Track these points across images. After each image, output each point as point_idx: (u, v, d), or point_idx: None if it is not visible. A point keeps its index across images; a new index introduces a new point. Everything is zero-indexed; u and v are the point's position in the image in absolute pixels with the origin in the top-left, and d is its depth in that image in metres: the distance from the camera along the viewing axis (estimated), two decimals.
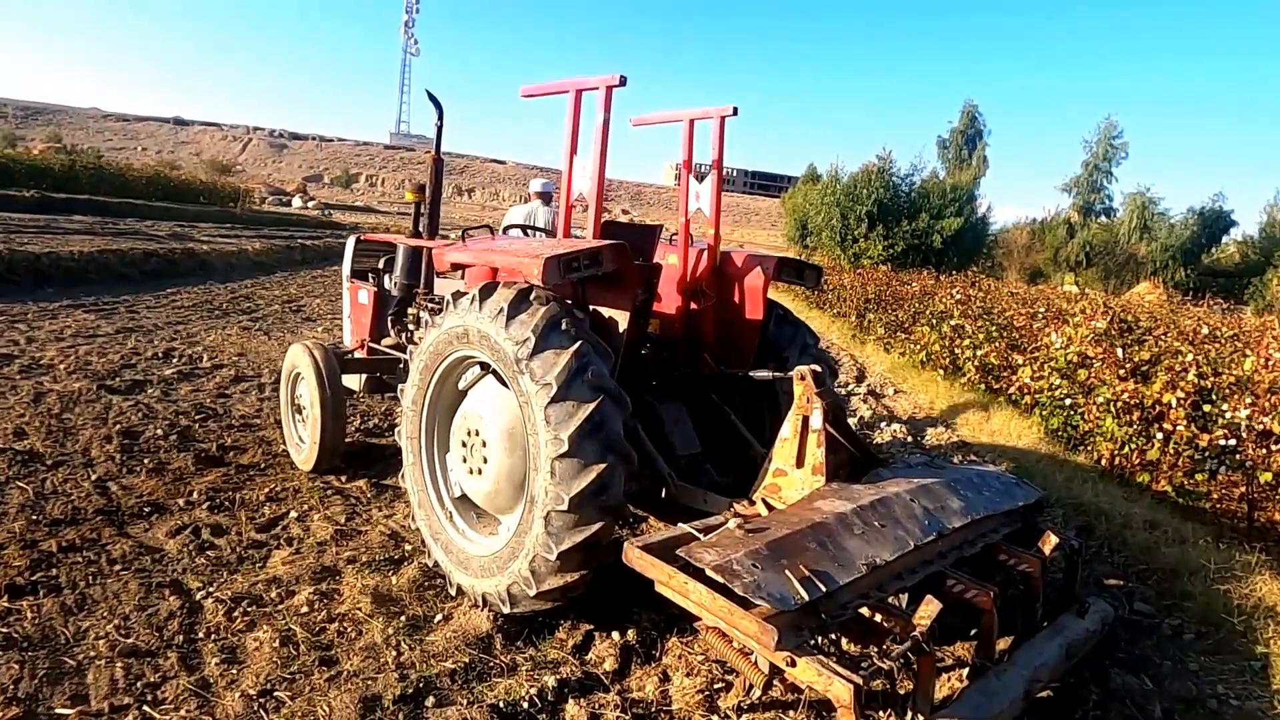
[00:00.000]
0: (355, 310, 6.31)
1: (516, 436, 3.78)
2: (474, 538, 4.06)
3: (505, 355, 3.59)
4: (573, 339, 3.54)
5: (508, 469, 3.81)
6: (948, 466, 4.30)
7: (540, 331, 3.51)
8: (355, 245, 6.43)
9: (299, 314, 12.94)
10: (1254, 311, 41.29)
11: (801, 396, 3.75)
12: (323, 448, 5.45)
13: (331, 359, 5.55)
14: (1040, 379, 9.41)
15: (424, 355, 4.13)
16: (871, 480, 3.76)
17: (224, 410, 6.98)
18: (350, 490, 5.40)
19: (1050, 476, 7.14)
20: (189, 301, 12.82)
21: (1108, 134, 57.87)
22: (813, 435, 3.69)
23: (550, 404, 3.41)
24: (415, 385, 4.22)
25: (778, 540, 3.02)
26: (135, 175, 36.49)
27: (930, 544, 3.39)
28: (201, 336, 10.11)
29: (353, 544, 4.57)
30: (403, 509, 5.16)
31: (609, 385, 3.54)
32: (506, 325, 3.59)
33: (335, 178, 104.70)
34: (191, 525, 4.60)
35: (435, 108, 5.47)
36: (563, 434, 3.38)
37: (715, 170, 4.66)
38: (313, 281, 17.67)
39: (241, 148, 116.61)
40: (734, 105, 4.58)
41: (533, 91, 4.32)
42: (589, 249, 3.67)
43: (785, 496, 3.65)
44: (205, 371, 8.26)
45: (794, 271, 4.68)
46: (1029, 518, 4.19)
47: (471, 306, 3.78)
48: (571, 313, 3.68)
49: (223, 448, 5.98)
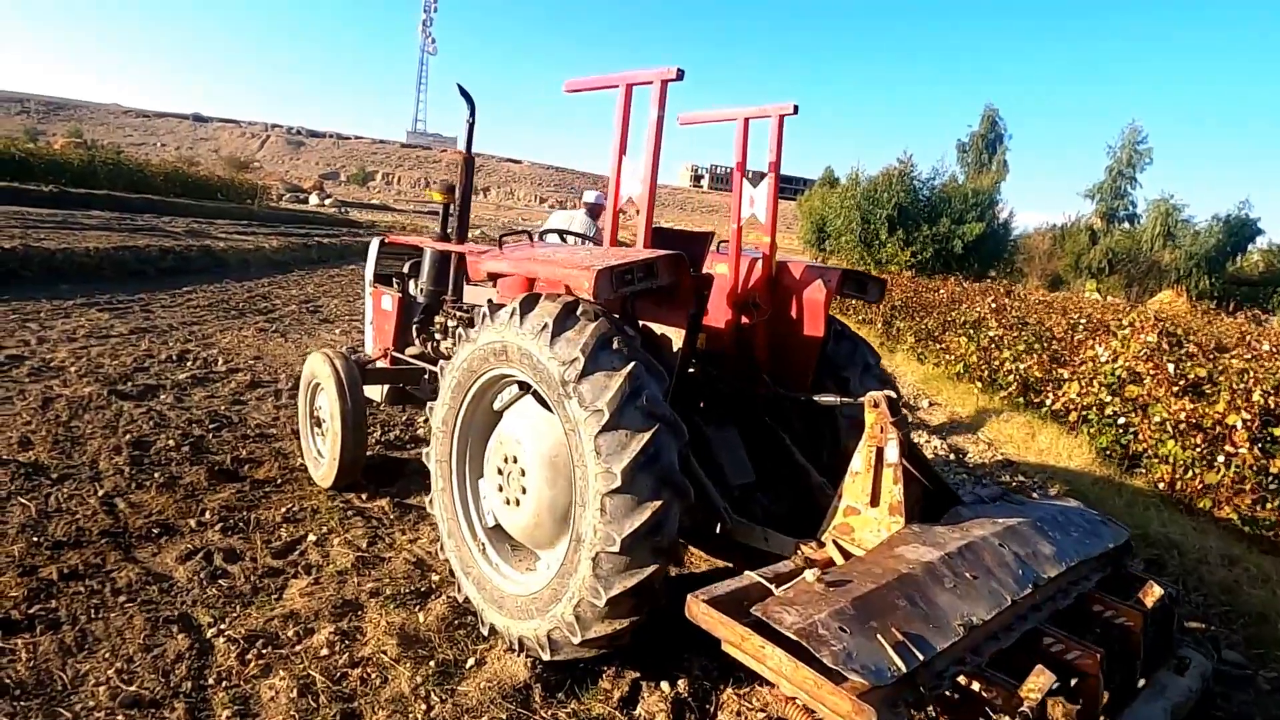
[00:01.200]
0: (378, 317, 5.98)
1: (560, 466, 3.43)
2: (509, 574, 3.71)
3: (549, 376, 3.24)
4: (625, 360, 3.19)
5: (549, 501, 3.46)
6: (1027, 502, 3.92)
7: (590, 351, 3.15)
8: (379, 248, 6.10)
9: (316, 315, 12.65)
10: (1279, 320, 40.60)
11: (874, 426, 3.38)
12: (343, 464, 5.12)
13: (353, 369, 5.22)
14: (1088, 394, 9.00)
15: (456, 372, 3.78)
16: (953, 521, 3.39)
17: (239, 418, 6.66)
18: (371, 510, 5.07)
19: (1108, 501, 6.74)
20: (205, 300, 12.55)
21: (1132, 139, 56.99)
22: (888, 471, 3.32)
23: (601, 433, 3.06)
24: (446, 404, 3.87)
25: (864, 597, 2.65)
26: (153, 171, 36.38)
27: (1025, 597, 3.02)
28: (217, 338, 9.82)
29: (375, 573, 4.23)
30: (427, 532, 4.83)
31: (665, 412, 3.18)
32: (551, 343, 3.24)
33: (352, 175, 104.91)
34: (203, 549, 4.28)
35: (467, 103, 5.13)
36: (615, 467, 3.02)
37: (772, 173, 4.29)
38: (330, 281, 17.40)
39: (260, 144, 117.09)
40: (794, 103, 4.22)
41: (578, 86, 3.97)
42: (644, 260, 3.32)
43: (859, 539, 3.28)
44: (220, 376, 7.96)
45: (856, 285, 4.30)
46: (1119, 561, 3.81)
47: (511, 321, 3.43)
48: (623, 330, 3.33)
49: (237, 460, 5.67)
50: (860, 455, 3.42)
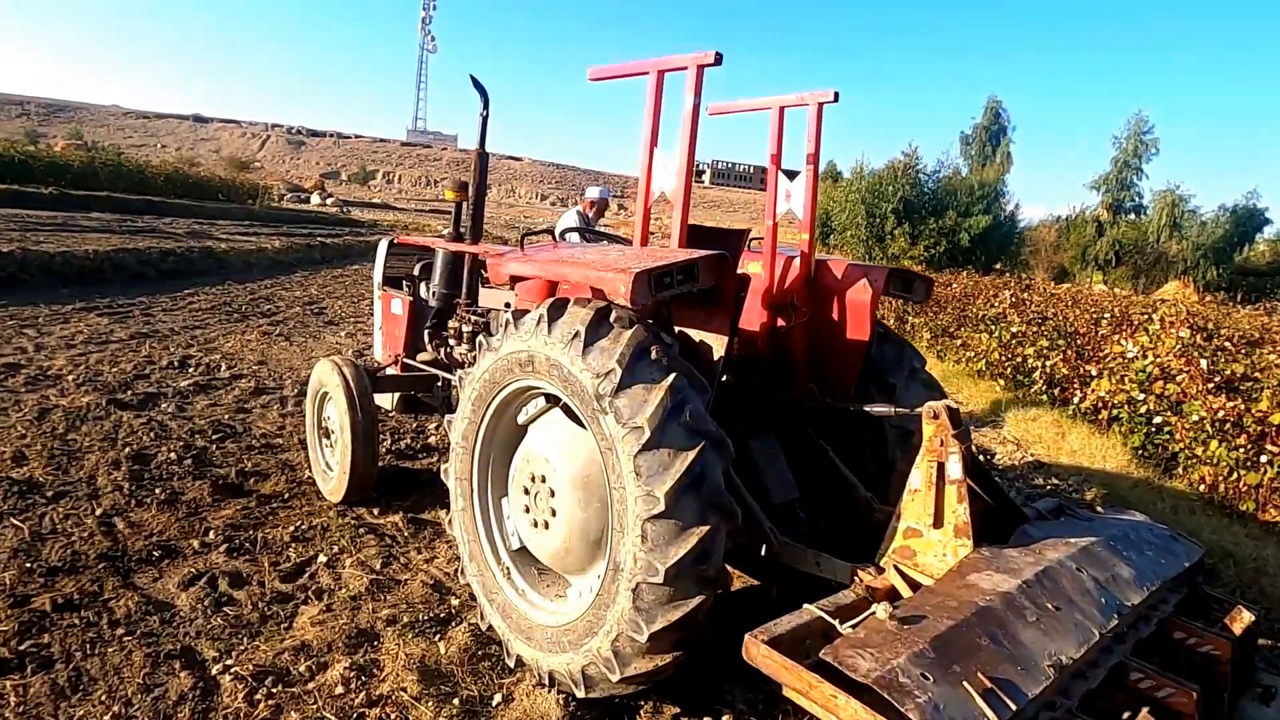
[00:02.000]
0: (388, 322, 5.70)
1: (593, 487, 3.16)
2: (537, 601, 3.43)
3: (582, 390, 2.97)
4: (665, 370, 2.91)
5: (581, 524, 3.19)
6: (1094, 518, 3.64)
7: (626, 362, 2.88)
8: (388, 249, 5.82)
9: (321, 317, 12.38)
10: None
11: (933, 439, 3.10)
12: (353, 478, 4.85)
13: (363, 377, 4.94)
14: (1120, 392, 8.71)
15: (477, 384, 3.51)
16: (1024, 543, 3.11)
17: (243, 428, 6.40)
18: (384, 527, 4.80)
19: (1150, 505, 6.45)
20: (207, 303, 12.29)
21: (1138, 130, 56.40)
22: (951, 488, 3.04)
23: (641, 451, 2.78)
24: (466, 418, 3.60)
25: (944, 636, 2.38)
26: (154, 172, 36.11)
27: (1111, 629, 2.75)
28: (219, 342, 9.56)
29: (391, 597, 3.96)
30: (444, 549, 4.56)
31: (710, 428, 2.91)
32: (583, 353, 2.96)
33: (353, 174, 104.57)
34: (207, 573, 4.01)
35: (480, 96, 4.85)
36: (657, 490, 2.75)
37: (810, 166, 4.01)
38: (333, 281, 17.13)
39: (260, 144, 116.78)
40: (834, 90, 3.93)
41: (604, 74, 3.69)
42: (684, 261, 3.04)
43: (922, 563, 3.01)
44: (223, 382, 7.69)
45: (901, 284, 4.01)
46: (1194, 580, 3.53)
47: (538, 329, 3.16)
48: (660, 338, 3.05)
49: (242, 474, 5.40)
50: (919, 471, 3.14)
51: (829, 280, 4.01)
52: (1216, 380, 8.12)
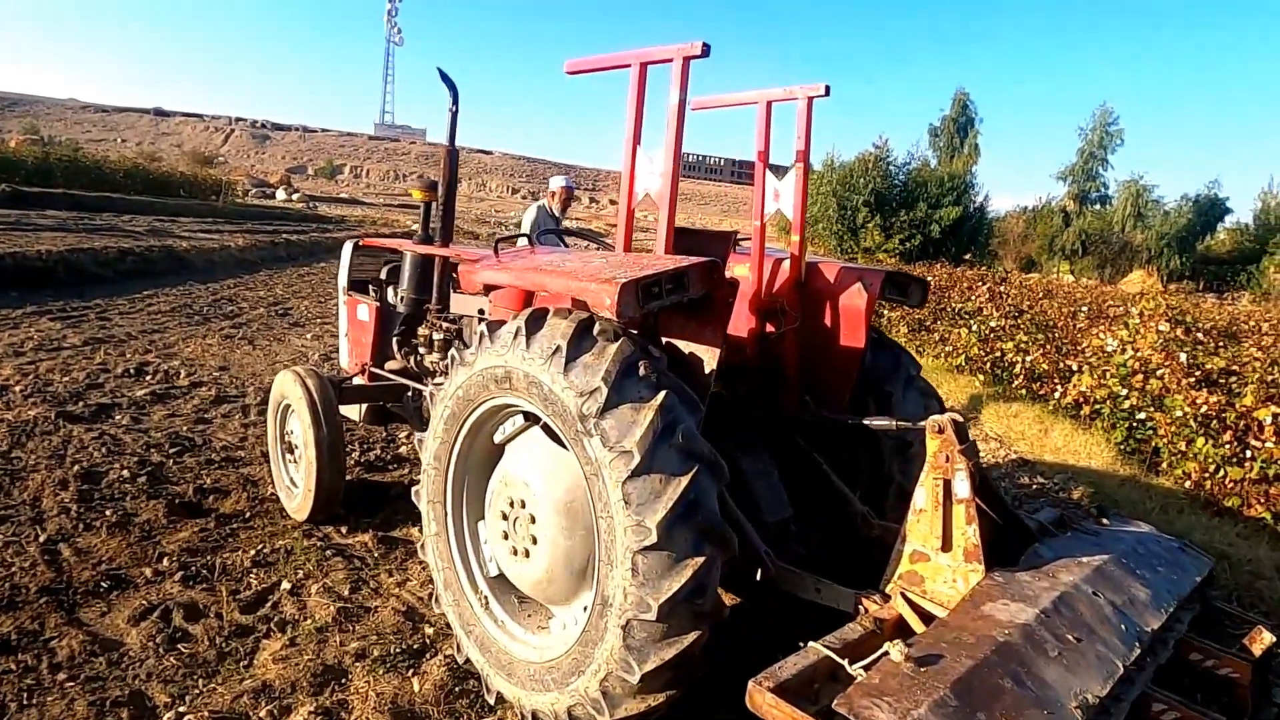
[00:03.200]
0: (354, 328, 5.42)
1: (577, 513, 2.93)
2: (518, 633, 3.20)
3: (564, 410, 2.74)
4: (654, 388, 2.69)
5: (565, 553, 2.96)
6: (1101, 530, 3.48)
7: (613, 380, 2.65)
8: (353, 252, 5.52)
9: (286, 318, 12.00)
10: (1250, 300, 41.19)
11: (938, 455, 2.92)
12: (319, 496, 4.58)
13: (328, 389, 4.67)
14: (1101, 387, 8.64)
15: (450, 400, 3.26)
16: (1035, 565, 2.93)
17: (203, 440, 6.08)
18: (353, 547, 4.54)
19: (1139, 505, 6.36)
20: (166, 305, 11.85)
21: (1104, 121, 57.15)
22: (959, 508, 2.86)
23: (630, 478, 2.56)
24: (438, 438, 3.35)
25: (965, 680, 2.19)
26: (113, 168, 35.19)
27: (1135, 660, 2.58)
28: (179, 347, 9.17)
29: (360, 628, 3.70)
30: (417, 571, 4.31)
31: (703, 450, 2.70)
32: (565, 370, 2.73)
33: (319, 169, 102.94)
34: (160, 605, 3.73)
35: (449, 90, 4.58)
36: (648, 519, 2.53)
37: (801, 163, 3.80)
38: (299, 281, 16.69)
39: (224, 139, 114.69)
40: (825, 84, 3.73)
41: (581, 67, 3.45)
42: (673, 270, 2.81)
43: (931, 590, 2.82)
44: (182, 391, 7.34)
45: (897, 288, 3.82)
46: (1205, 595, 3.39)
47: (515, 342, 2.92)
48: (648, 352, 2.83)
49: (201, 491, 5.10)
50: (924, 490, 2.95)
51: (821, 284, 3.81)
52: (1197, 375, 8.09)
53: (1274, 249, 48.42)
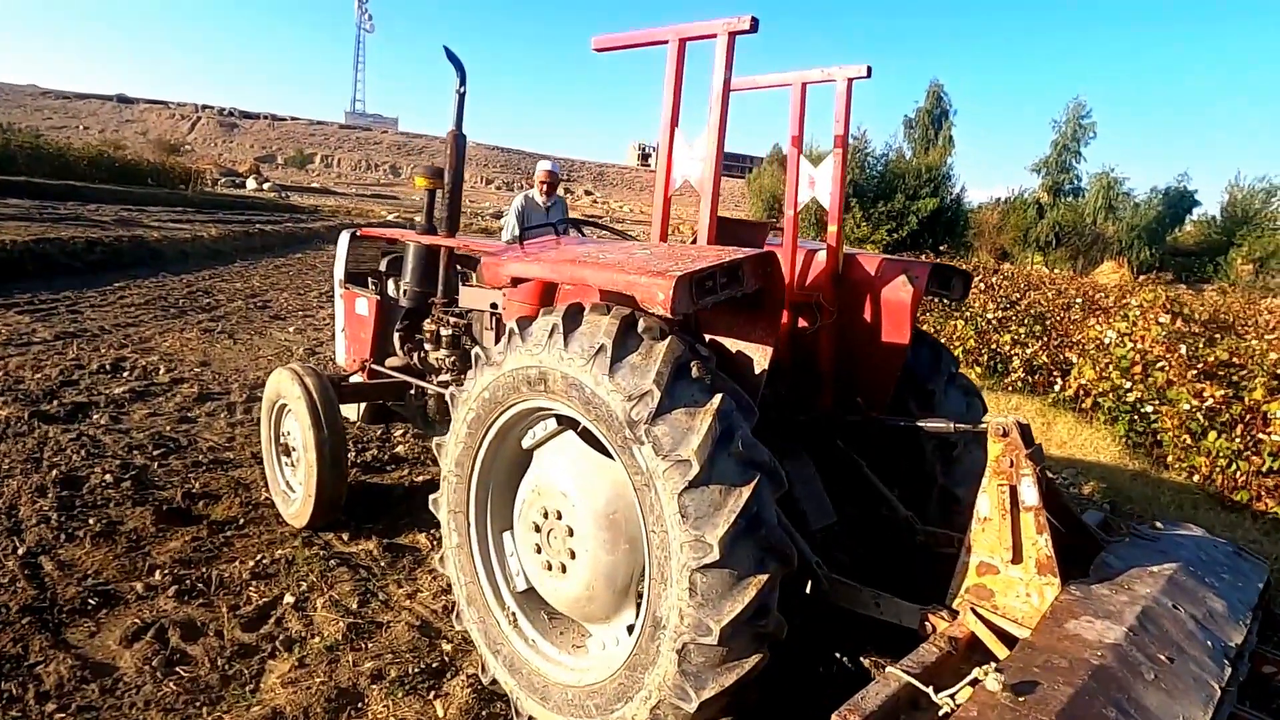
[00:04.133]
0: (352, 323, 5.14)
1: (621, 525, 2.71)
2: (551, 653, 2.98)
3: (609, 415, 2.52)
4: (708, 390, 2.48)
5: (607, 570, 2.74)
6: (1159, 536, 3.33)
7: (665, 382, 2.43)
8: (350, 242, 5.23)
9: (265, 310, 11.61)
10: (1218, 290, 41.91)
11: (1001, 460, 2.75)
12: (319, 502, 4.32)
13: (327, 389, 4.40)
14: (1104, 380, 8.57)
15: (474, 403, 3.02)
16: (1107, 575, 2.77)
17: (188, 441, 5.77)
18: (357, 556, 4.28)
19: (1153, 501, 6.27)
20: (140, 298, 11.40)
21: (1076, 114, 57.56)
22: (1027, 517, 2.68)
23: (688, 489, 2.35)
24: (460, 443, 3.11)
25: (1067, 710, 2.00)
26: (76, 155, 34.09)
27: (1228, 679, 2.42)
28: (156, 341, 8.79)
29: (373, 645, 3.46)
30: (428, 581, 4.07)
31: (764, 458, 2.49)
32: (611, 371, 2.51)
33: (289, 158, 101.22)
34: (155, 624, 3.46)
35: (456, 70, 4.32)
36: (709, 535, 2.32)
37: (839, 149, 3.59)
38: (276, 272, 16.23)
39: (190, 127, 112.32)
40: (867, 65, 3.52)
41: (611, 43, 3.22)
42: (729, 263, 2.60)
43: (1003, 605, 2.64)
44: (163, 388, 7.00)
45: (938, 280, 3.63)
46: (1265, 601, 3.25)
47: (551, 341, 2.69)
48: (697, 352, 2.62)
49: (190, 496, 4.80)
50: (988, 497, 2.77)
51: (860, 277, 3.61)
52: (1199, 367, 8.03)
53: (1240, 241, 49.30)
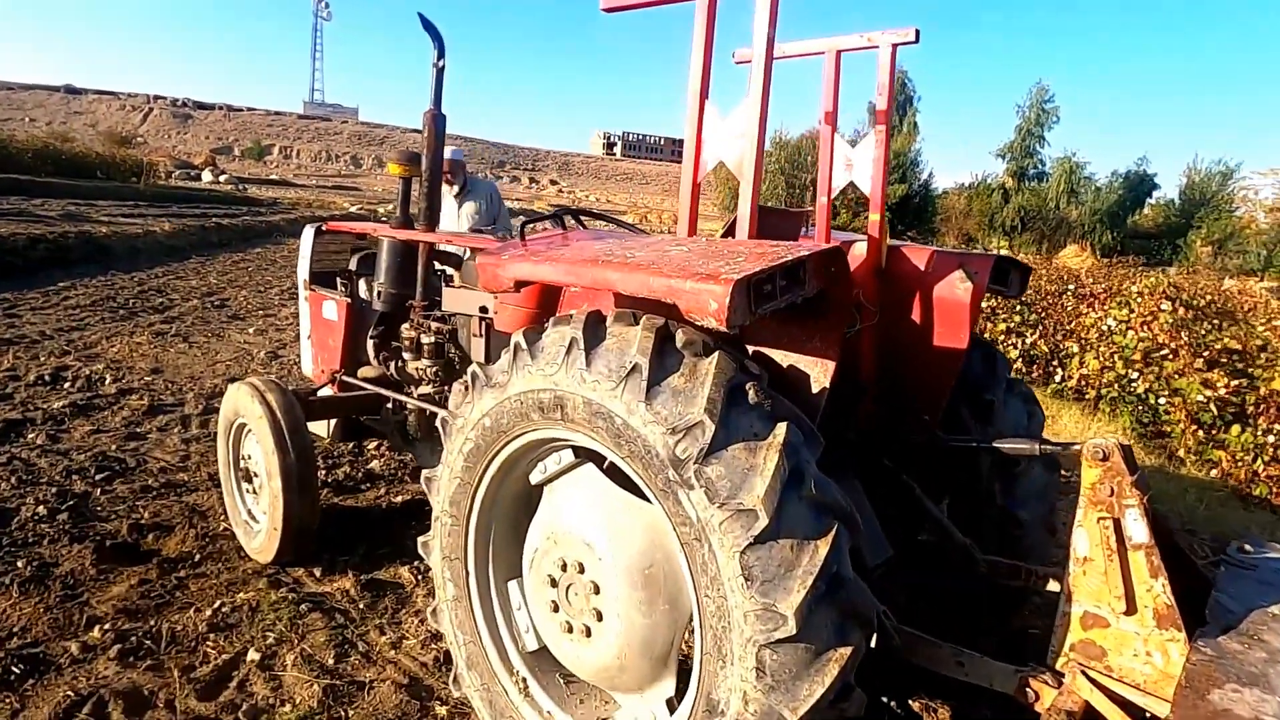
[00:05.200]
0: (319, 329, 4.59)
1: (660, 582, 2.24)
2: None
3: (647, 450, 2.04)
4: (769, 419, 2.02)
5: (643, 634, 2.27)
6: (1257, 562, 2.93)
7: (719, 410, 1.97)
8: (315, 238, 4.67)
9: (223, 310, 10.92)
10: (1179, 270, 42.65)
11: (1098, 487, 2.34)
12: (287, 533, 3.79)
13: (294, 406, 3.86)
14: (1109, 370, 8.28)
15: (472, 432, 2.53)
16: (1229, 623, 2.35)
17: (136, 462, 5.18)
18: (332, 596, 3.76)
19: (1178, 500, 5.94)
20: (86, 299, 10.64)
21: (1039, 98, 57.99)
22: (1137, 557, 2.26)
23: (753, 545, 1.89)
24: (455, 478, 2.62)
25: None
26: (21, 147, 32.63)
27: None
28: (103, 347, 8.11)
29: (355, 712, 2.95)
30: (414, 625, 3.57)
31: (838, 499, 2.04)
32: (648, 397, 2.03)
33: (246, 149, 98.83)
34: (92, 695, 2.92)
35: (434, 41, 3.79)
36: (782, 603, 1.86)
37: (882, 125, 3.14)
38: (234, 268, 15.45)
39: (142, 118, 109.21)
40: (914, 28, 3.07)
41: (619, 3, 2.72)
42: (793, 261, 2.12)
43: (1119, 666, 2.22)
44: (108, 400, 6.37)
45: (995, 275, 3.19)
46: None
47: (569, 359, 2.20)
48: (749, 370, 2.15)
49: (137, 529, 4.24)
50: (1085, 533, 2.35)
51: (907, 272, 3.16)
52: (1205, 356, 7.77)
53: (1199, 223, 50.15)
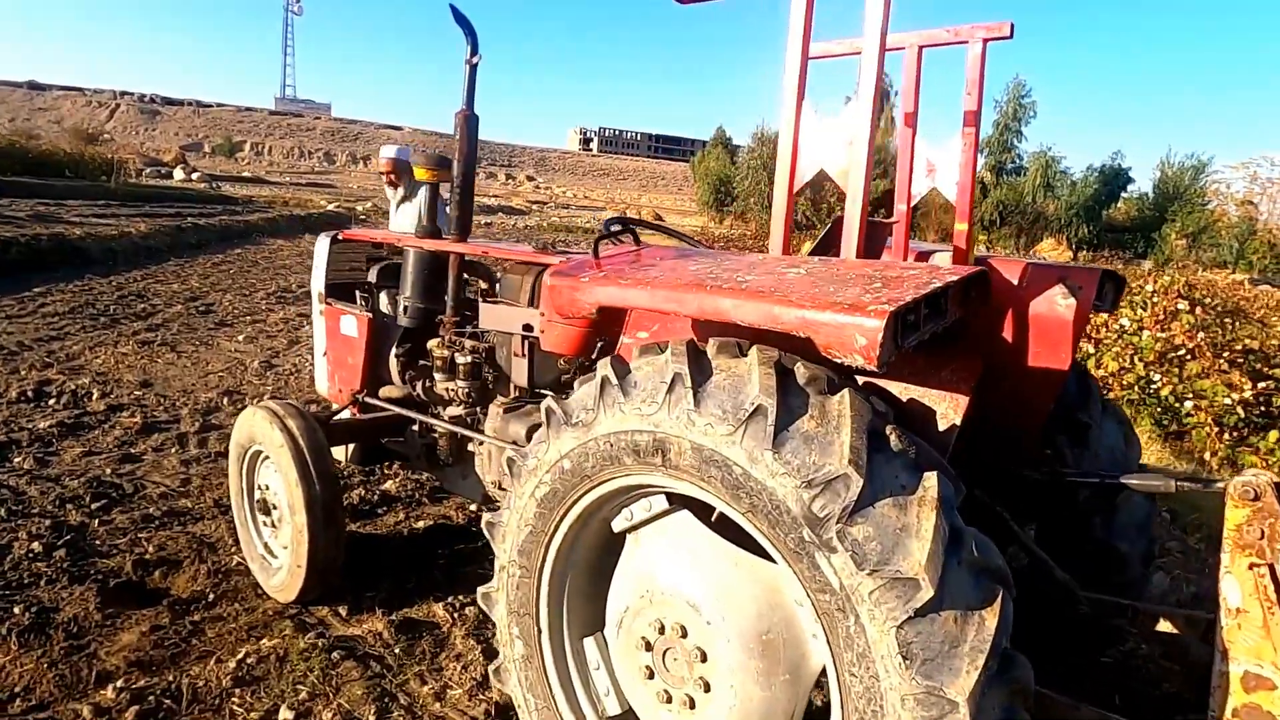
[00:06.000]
0: (337, 346, 4.28)
1: (779, 649, 1.98)
2: None
3: (774, 506, 1.78)
4: (914, 468, 1.77)
5: (760, 710, 2.01)
6: None
7: (864, 459, 1.71)
8: (331, 247, 4.35)
9: (209, 316, 10.50)
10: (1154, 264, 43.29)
11: (1247, 528, 2.14)
12: (312, 571, 3.49)
13: (316, 432, 3.55)
14: (1128, 371, 8.14)
15: (548, 475, 2.25)
16: None
17: (134, 487, 4.83)
18: (364, 640, 3.46)
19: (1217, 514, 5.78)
20: (64, 305, 10.18)
21: (1017, 93, 58.32)
22: None
23: (913, 619, 1.63)
24: (526, 526, 2.34)
25: None
26: None
27: None
28: (87, 358, 7.71)
29: None
30: (455, 671, 3.28)
31: (1000, 564, 1.80)
32: (776, 444, 1.77)
33: (217, 146, 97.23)
34: None
35: (466, 35, 3.49)
36: (951, 687, 1.61)
37: (970, 128, 2.90)
38: (215, 270, 14.97)
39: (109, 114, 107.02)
40: (1009, 22, 2.82)
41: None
42: (940, 287, 1.87)
43: None
44: (98, 418, 6.00)
45: None
46: None
47: (673, 397, 1.93)
48: (875, 408, 1.90)
49: (143, 564, 3.91)
50: (1236, 581, 2.12)
51: (999, 287, 2.91)
52: (1225, 356, 7.67)
53: (1173, 217, 50.78)
